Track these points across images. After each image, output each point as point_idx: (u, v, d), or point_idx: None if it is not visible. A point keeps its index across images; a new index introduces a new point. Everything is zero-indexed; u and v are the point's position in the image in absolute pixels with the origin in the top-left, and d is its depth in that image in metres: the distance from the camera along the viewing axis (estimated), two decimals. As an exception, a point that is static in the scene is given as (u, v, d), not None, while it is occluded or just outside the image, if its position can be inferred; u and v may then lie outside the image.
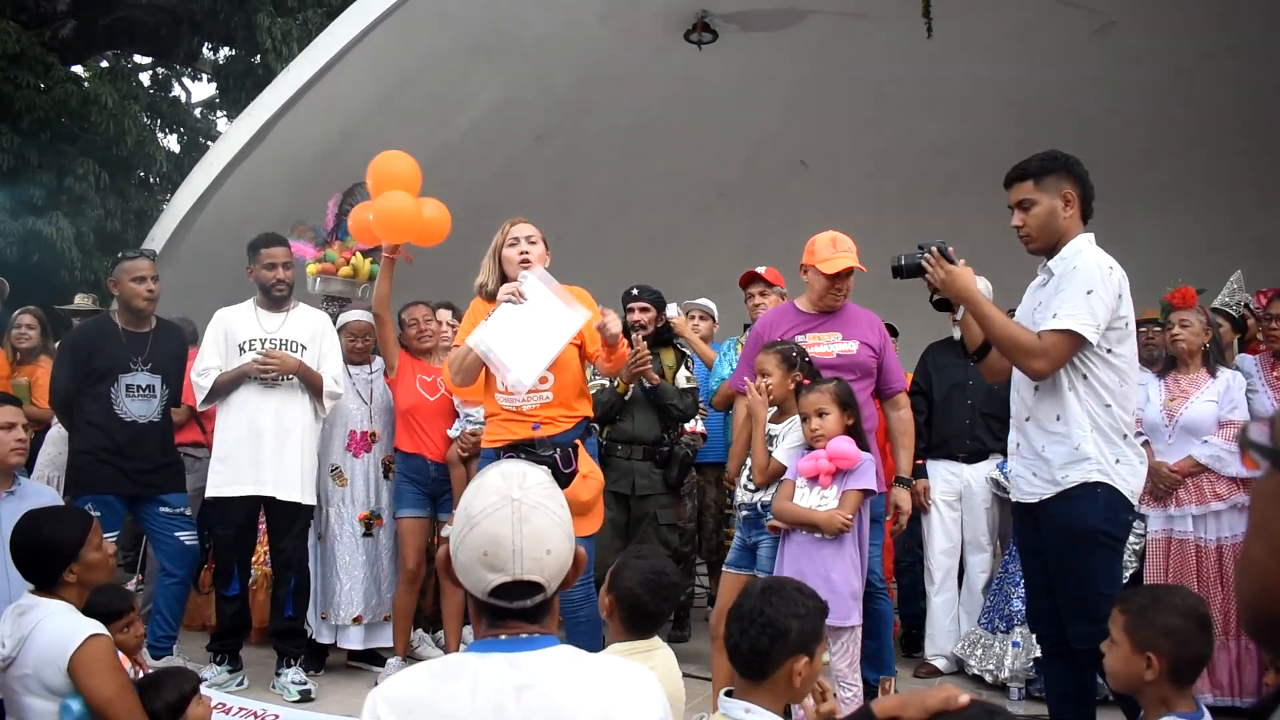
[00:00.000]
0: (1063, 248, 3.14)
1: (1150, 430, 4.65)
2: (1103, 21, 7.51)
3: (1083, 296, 2.99)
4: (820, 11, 7.76)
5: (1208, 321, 4.66)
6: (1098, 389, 3.05)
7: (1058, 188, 3.13)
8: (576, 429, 3.89)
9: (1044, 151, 3.20)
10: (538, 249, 4.04)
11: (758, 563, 3.91)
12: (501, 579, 1.59)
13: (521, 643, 1.62)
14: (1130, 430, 3.11)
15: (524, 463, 1.73)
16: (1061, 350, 3.02)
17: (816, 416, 3.67)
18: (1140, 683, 2.30)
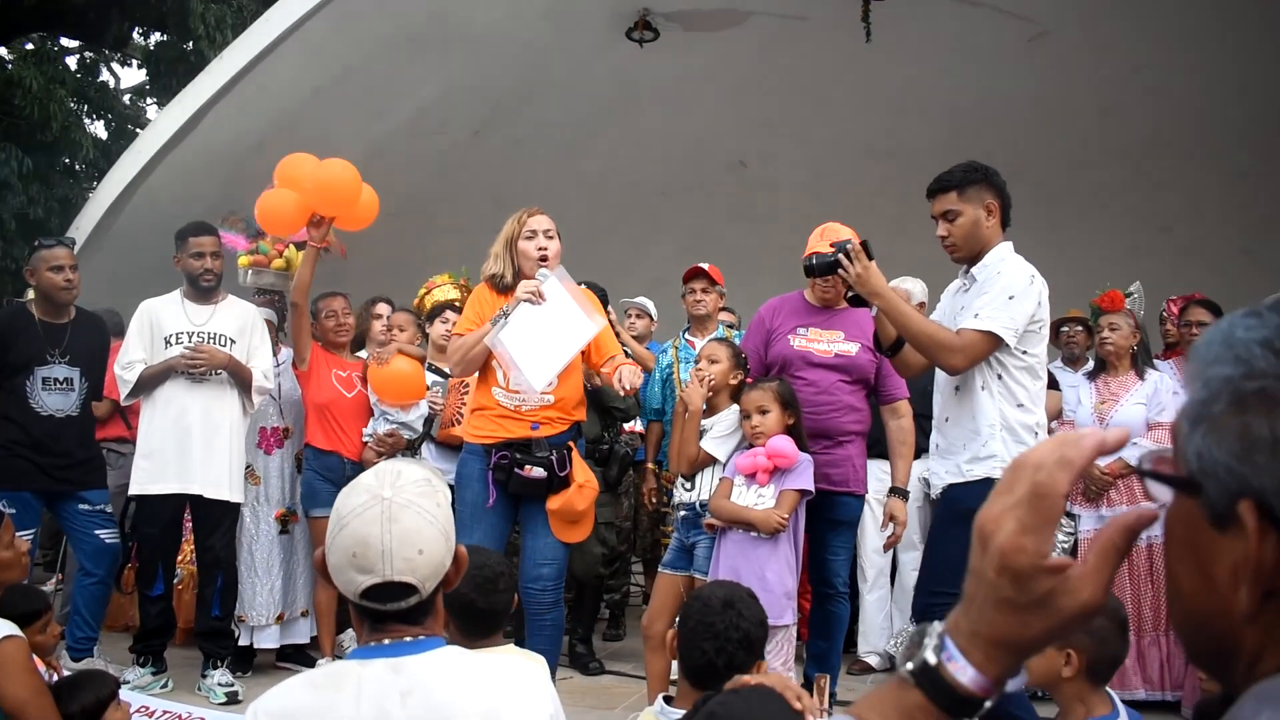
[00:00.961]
0: (985, 255, 3.21)
1: (1079, 432, 4.74)
2: (1036, 31, 7.64)
3: (1004, 300, 3.07)
4: (762, 13, 7.78)
5: (1136, 325, 4.76)
6: (1012, 388, 3.12)
7: (980, 198, 3.20)
8: (569, 432, 3.84)
9: (964, 163, 3.28)
10: (555, 244, 3.97)
11: (695, 563, 3.90)
12: (371, 580, 1.55)
13: (404, 646, 1.59)
14: (1042, 429, 3.17)
15: (402, 462, 1.70)
16: (979, 349, 3.08)
17: (758, 414, 3.68)
18: (1057, 679, 2.32)
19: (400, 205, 8.55)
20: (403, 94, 7.91)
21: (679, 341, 5.17)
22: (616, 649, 5.54)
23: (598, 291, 5.12)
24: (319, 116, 7.63)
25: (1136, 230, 8.45)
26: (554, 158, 8.79)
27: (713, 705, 1.69)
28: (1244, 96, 7.71)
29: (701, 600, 2.24)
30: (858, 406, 4.02)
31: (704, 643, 2.14)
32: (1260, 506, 0.67)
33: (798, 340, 4.02)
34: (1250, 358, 0.69)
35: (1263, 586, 0.68)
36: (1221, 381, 0.70)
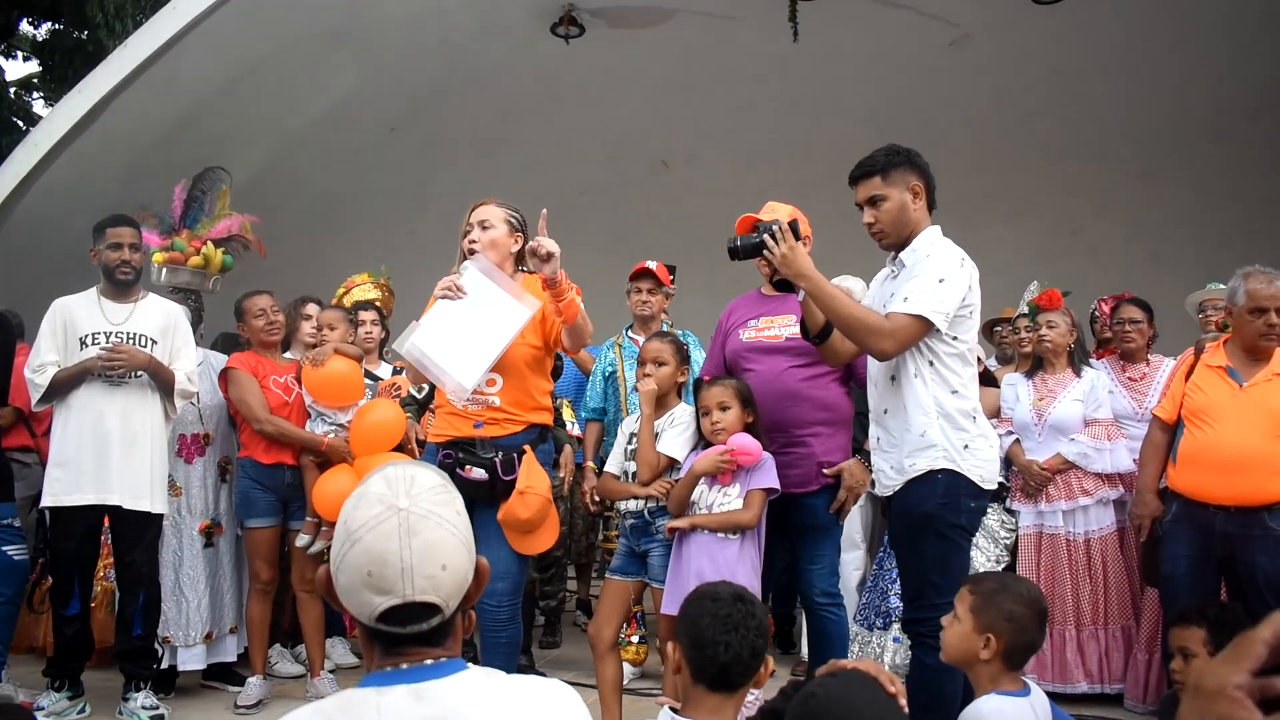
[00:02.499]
0: (913, 240, 3.11)
1: (1020, 429, 4.79)
2: (958, 34, 7.77)
3: (934, 284, 2.96)
4: (688, 11, 7.75)
5: (1073, 323, 4.83)
6: (945, 374, 3.02)
7: (905, 181, 3.10)
8: (526, 434, 3.51)
9: (886, 146, 3.16)
10: (491, 234, 3.63)
11: (649, 571, 3.79)
12: (391, 602, 1.38)
13: (426, 670, 1.41)
14: (979, 414, 3.08)
15: (413, 465, 1.50)
16: (909, 333, 2.97)
17: (718, 410, 3.60)
18: (974, 660, 2.43)
19: (314, 202, 8.31)
20: (317, 88, 7.65)
21: (622, 339, 5.06)
22: (555, 656, 5.42)
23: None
24: (228, 110, 7.33)
25: (1049, 232, 8.66)
26: (474, 154, 8.62)
27: (812, 687, 1.67)
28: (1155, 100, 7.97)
29: (709, 598, 2.15)
30: (814, 395, 3.75)
31: (725, 636, 2.06)
32: None
33: (747, 333, 3.88)
34: None
35: None
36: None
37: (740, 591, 2.18)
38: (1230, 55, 7.54)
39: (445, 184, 8.78)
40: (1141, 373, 4.89)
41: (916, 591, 3.07)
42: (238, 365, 4.67)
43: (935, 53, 7.85)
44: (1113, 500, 4.60)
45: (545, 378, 3.62)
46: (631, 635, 4.93)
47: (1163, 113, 7.99)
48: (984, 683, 2.46)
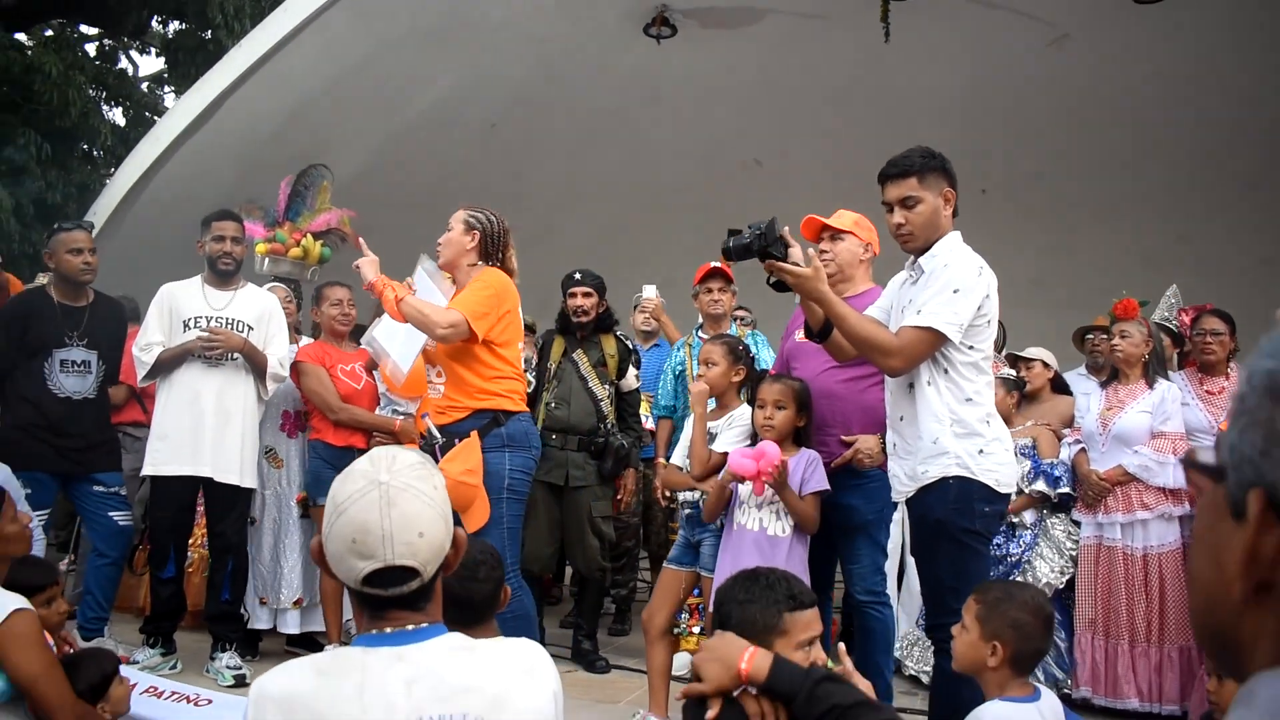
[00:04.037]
0: (934, 246, 3.09)
1: (1086, 438, 4.73)
2: (1057, 34, 7.63)
3: (949, 295, 2.95)
4: (780, 11, 7.79)
5: (1149, 333, 4.74)
6: (960, 382, 3.01)
7: (939, 186, 3.08)
8: (474, 420, 3.79)
9: (921, 148, 3.13)
10: (446, 235, 4.00)
11: (700, 560, 3.91)
12: (373, 565, 1.55)
13: (408, 635, 1.59)
14: (992, 415, 3.07)
15: (398, 447, 1.71)
16: (920, 348, 2.98)
17: (774, 407, 3.66)
18: (983, 667, 2.46)
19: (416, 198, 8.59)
20: (419, 87, 7.94)
21: (692, 339, 5.18)
22: (622, 644, 5.55)
23: (593, 280, 5.10)
24: (335, 108, 7.67)
25: (1154, 238, 8.42)
26: (569, 152, 8.82)
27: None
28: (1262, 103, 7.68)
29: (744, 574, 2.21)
30: (853, 397, 3.74)
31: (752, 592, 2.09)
32: (1269, 498, 0.68)
33: (800, 333, 3.97)
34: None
35: (1257, 576, 0.69)
36: (1264, 375, 0.71)
37: (778, 571, 2.20)
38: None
39: (541, 181, 9.02)
40: (1220, 386, 4.76)
41: (935, 598, 3.10)
42: (306, 358, 4.93)
43: (1032, 53, 7.72)
44: (1177, 516, 4.49)
45: (485, 365, 3.83)
46: (694, 625, 5.04)
47: (1270, 116, 7.70)
48: (992, 689, 2.49)
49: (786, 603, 2.07)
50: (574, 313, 5.00)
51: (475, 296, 3.80)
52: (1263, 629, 0.70)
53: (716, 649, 1.91)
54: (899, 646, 4.97)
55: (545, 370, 5.03)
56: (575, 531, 4.90)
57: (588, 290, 5.04)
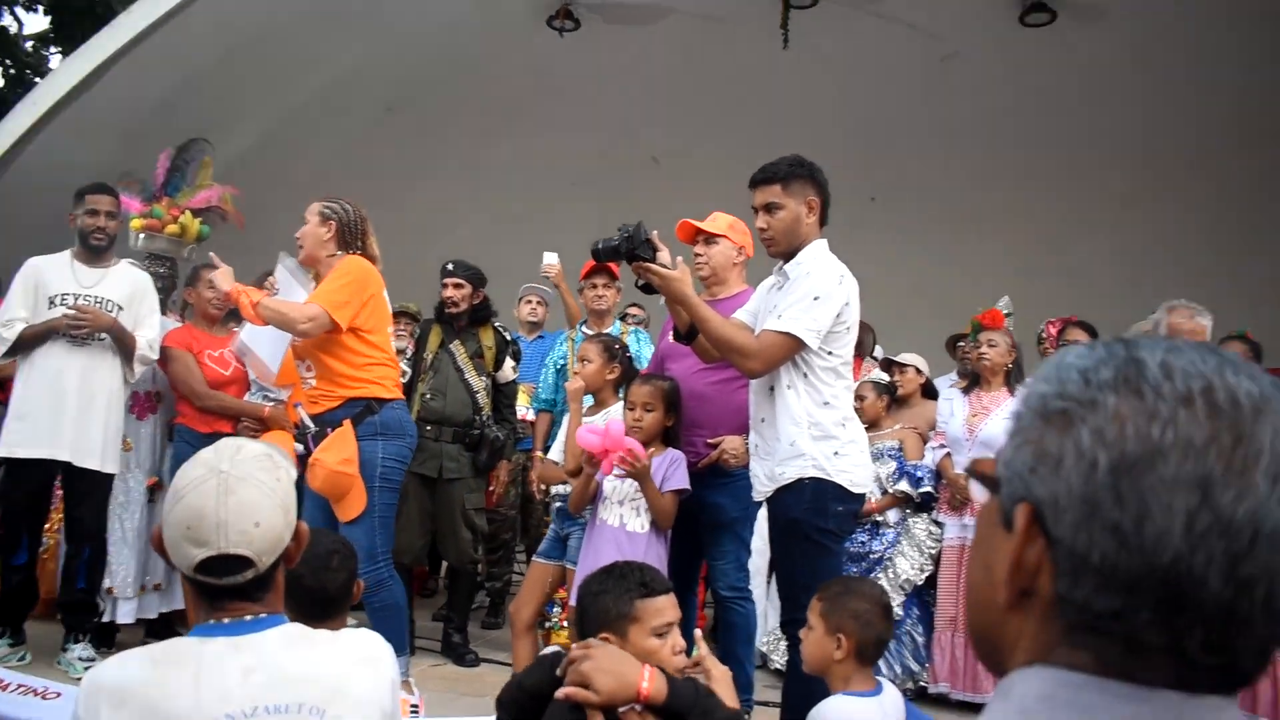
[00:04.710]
0: (800, 253, 3.20)
1: (952, 443, 4.89)
2: (947, 51, 7.84)
3: (809, 302, 3.06)
4: (682, 11, 7.86)
5: (1013, 343, 4.92)
6: (819, 385, 3.12)
7: (803, 194, 3.18)
8: (346, 409, 3.79)
9: (790, 156, 3.25)
10: (303, 229, 3.97)
11: (567, 554, 3.95)
12: (206, 553, 1.54)
13: (245, 625, 1.58)
14: (849, 419, 3.19)
15: (244, 439, 1.73)
16: (778, 352, 3.08)
17: (642, 409, 3.71)
18: (830, 663, 2.53)
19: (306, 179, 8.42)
20: (315, 66, 7.79)
21: (575, 334, 5.19)
22: (494, 637, 5.54)
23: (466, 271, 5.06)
24: (227, 82, 7.47)
25: (1030, 250, 8.73)
26: (468, 142, 8.75)
27: None
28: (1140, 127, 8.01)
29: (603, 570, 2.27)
30: (721, 398, 3.76)
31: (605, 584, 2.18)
32: (1035, 513, 0.73)
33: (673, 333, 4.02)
34: (1066, 380, 0.74)
35: (1020, 585, 0.75)
36: (1037, 398, 0.76)
37: (634, 563, 2.30)
38: (1213, 87, 7.58)
39: (438, 169, 8.94)
40: (1081, 396, 4.96)
41: (790, 595, 3.20)
42: (173, 343, 4.80)
43: (925, 68, 7.94)
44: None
45: (354, 353, 3.83)
46: (564, 619, 5.06)
47: (1147, 139, 8.04)
48: (838, 683, 2.56)
49: (638, 590, 2.15)
50: (446, 303, 4.98)
51: (333, 286, 3.79)
52: (1023, 631, 0.76)
53: (609, 661, 1.92)
54: (766, 640, 5.09)
55: (421, 360, 4.99)
56: (447, 523, 4.88)
57: (458, 281, 5.00)
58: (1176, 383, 0.70)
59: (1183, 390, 0.69)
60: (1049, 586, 0.73)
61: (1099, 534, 0.69)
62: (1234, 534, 0.66)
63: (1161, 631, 0.69)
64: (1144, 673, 0.70)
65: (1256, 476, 0.67)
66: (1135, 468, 0.68)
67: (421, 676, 4.45)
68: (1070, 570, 0.71)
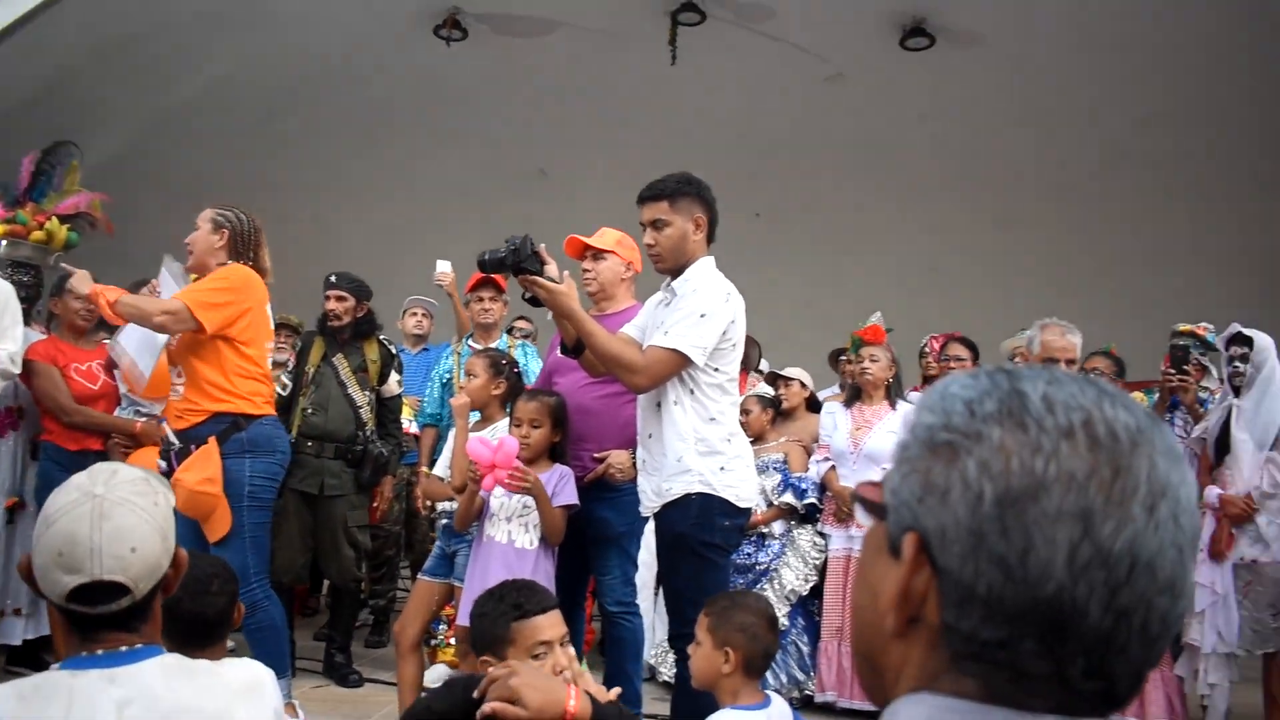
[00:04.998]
0: (687, 270, 3.23)
1: (837, 456, 4.99)
2: (832, 72, 8.04)
3: (696, 319, 3.09)
4: (572, 25, 7.87)
5: (893, 357, 5.06)
6: (705, 402, 3.15)
7: (690, 211, 3.20)
8: (212, 424, 3.68)
9: (679, 174, 3.27)
10: (194, 234, 3.89)
11: (454, 570, 3.89)
12: (79, 580, 1.47)
13: (120, 656, 1.51)
14: (735, 434, 3.23)
15: (119, 463, 1.66)
16: (664, 368, 3.10)
17: (529, 425, 3.69)
18: (719, 676, 2.55)
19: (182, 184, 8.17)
20: (192, 67, 7.56)
21: (461, 347, 5.14)
22: (379, 656, 5.43)
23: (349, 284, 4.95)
24: (97, 82, 7.20)
25: (908, 267, 9.00)
26: (351, 149, 8.60)
27: None
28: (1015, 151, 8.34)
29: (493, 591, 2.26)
30: (608, 413, 3.75)
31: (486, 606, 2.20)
32: (923, 542, 0.74)
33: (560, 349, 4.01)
34: (951, 411, 0.75)
35: (908, 612, 0.75)
36: (924, 428, 0.77)
37: (515, 582, 2.29)
38: (1079, 113, 7.95)
39: (320, 176, 8.75)
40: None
41: (677, 609, 3.21)
42: (37, 356, 4.59)
43: (810, 88, 8.12)
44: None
45: (226, 364, 3.74)
46: (450, 636, 4.99)
47: (1020, 163, 8.39)
48: (726, 697, 2.58)
49: (512, 612, 2.16)
50: (328, 316, 4.87)
51: (205, 287, 3.71)
52: (908, 658, 0.76)
53: (536, 678, 1.89)
54: (654, 653, 5.10)
55: (303, 374, 4.85)
56: (329, 541, 4.75)
57: (341, 294, 4.88)
58: (1058, 416, 0.71)
59: (1064, 423, 0.71)
60: (935, 615, 0.73)
61: (985, 565, 0.70)
62: (1113, 565, 0.68)
63: (1045, 660, 0.70)
64: (1027, 700, 0.71)
65: (1134, 508, 0.69)
66: (1020, 501, 0.69)
67: (303, 699, 4.33)
68: (957, 600, 0.72)
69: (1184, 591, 0.71)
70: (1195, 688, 4.48)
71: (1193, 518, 0.72)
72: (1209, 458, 4.56)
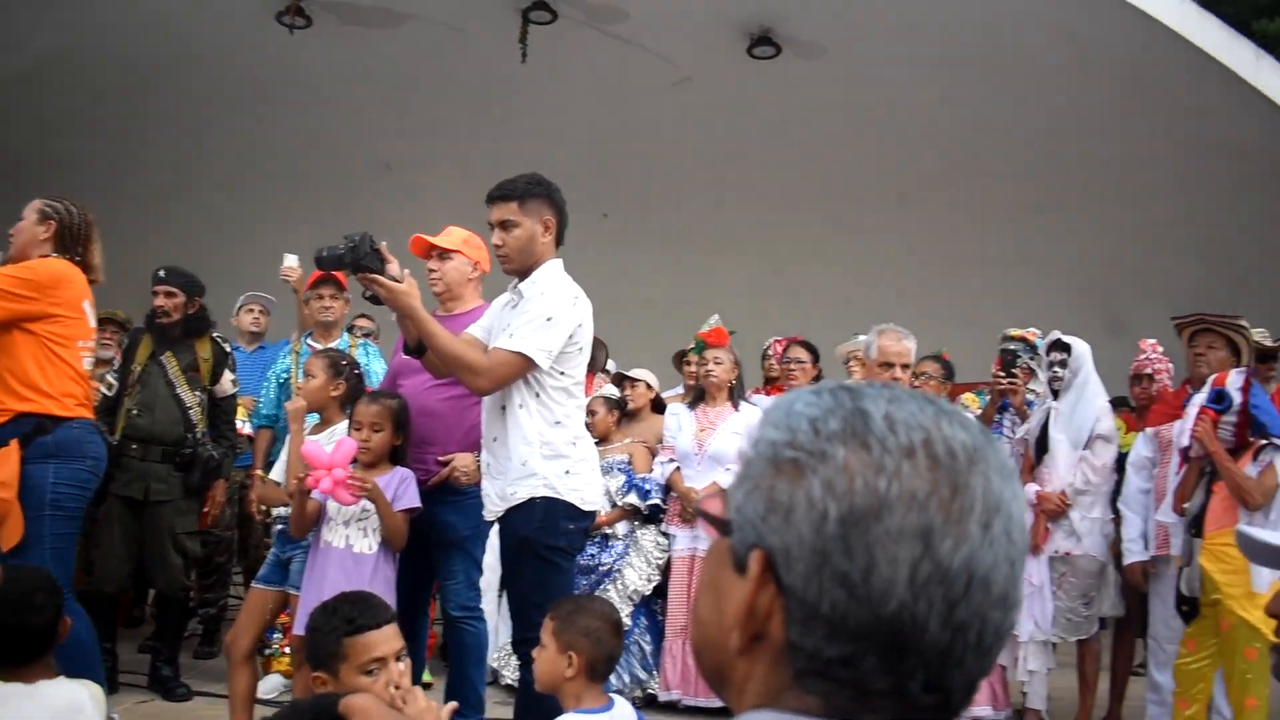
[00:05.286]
0: (534, 272, 3.22)
1: (681, 457, 5.05)
2: (680, 76, 8.13)
3: (542, 322, 3.09)
4: (421, 17, 7.72)
5: (736, 359, 5.15)
6: (551, 405, 3.15)
7: (539, 213, 3.20)
8: (13, 426, 3.45)
9: (529, 175, 3.27)
10: (20, 224, 3.68)
11: (289, 578, 3.76)
12: None
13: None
14: (580, 437, 3.24)
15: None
16: (507, 371, 3.09)
17: (370, 430, 3.60)
18: (562, 680, 2.55)
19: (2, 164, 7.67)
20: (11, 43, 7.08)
21: (300, 346, 4.97)
22: (209, 667, 5.19)
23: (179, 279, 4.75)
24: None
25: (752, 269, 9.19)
26: (185, 135, 8.23)
27: None
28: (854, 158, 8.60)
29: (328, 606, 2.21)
30: (453, 415, 3.70)
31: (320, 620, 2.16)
32: (768, 560, 0.73)
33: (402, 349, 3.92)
34: (797, 429, 0.75)
35: (753, 630, 0.75)
36: (768, 445, 0.76)
37: (350, 594, 2.25)
38: (920, 126, 8.26)
39: (150, 162, 8.36)
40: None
41: (521, 613, 3.20)
42: None
43: (659, 90, 8.19)
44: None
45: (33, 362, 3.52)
46: (285, 645, 4.83)
47: (861, 172, 8.66)
48: (569, 701, 2.58)
49: (345, 627, 2.13)
50: (157, 312, 4.65)
51: (4, 272, 3.49)
52: (752, 674, 0.76)
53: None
54: (498, 657, 5.06)
55: (129, 373, 4.61)
56: (155, 549, 4.53)
57: (171, 290, 4.68)
58: (900, 435, 0.72)
59: (906, 443, 0.72)
60: (780, 633, 0.73)
61: (829, 584, 0.70)
62: (952, 581, 0.70)
63: (886, 676, 0.71)
64: (868, 716, 0.72)
65: (971, 525, 0.71)
66: (863, 520, 0.70)
67: (126, 715, 4.13)
68: (801, 619, 0.72)
69: (1015, 603, 0.74)
70: (1015, 675, 4.74)
71: (1023, 532, 0.74)
72: (1030, 457, 4.82)
